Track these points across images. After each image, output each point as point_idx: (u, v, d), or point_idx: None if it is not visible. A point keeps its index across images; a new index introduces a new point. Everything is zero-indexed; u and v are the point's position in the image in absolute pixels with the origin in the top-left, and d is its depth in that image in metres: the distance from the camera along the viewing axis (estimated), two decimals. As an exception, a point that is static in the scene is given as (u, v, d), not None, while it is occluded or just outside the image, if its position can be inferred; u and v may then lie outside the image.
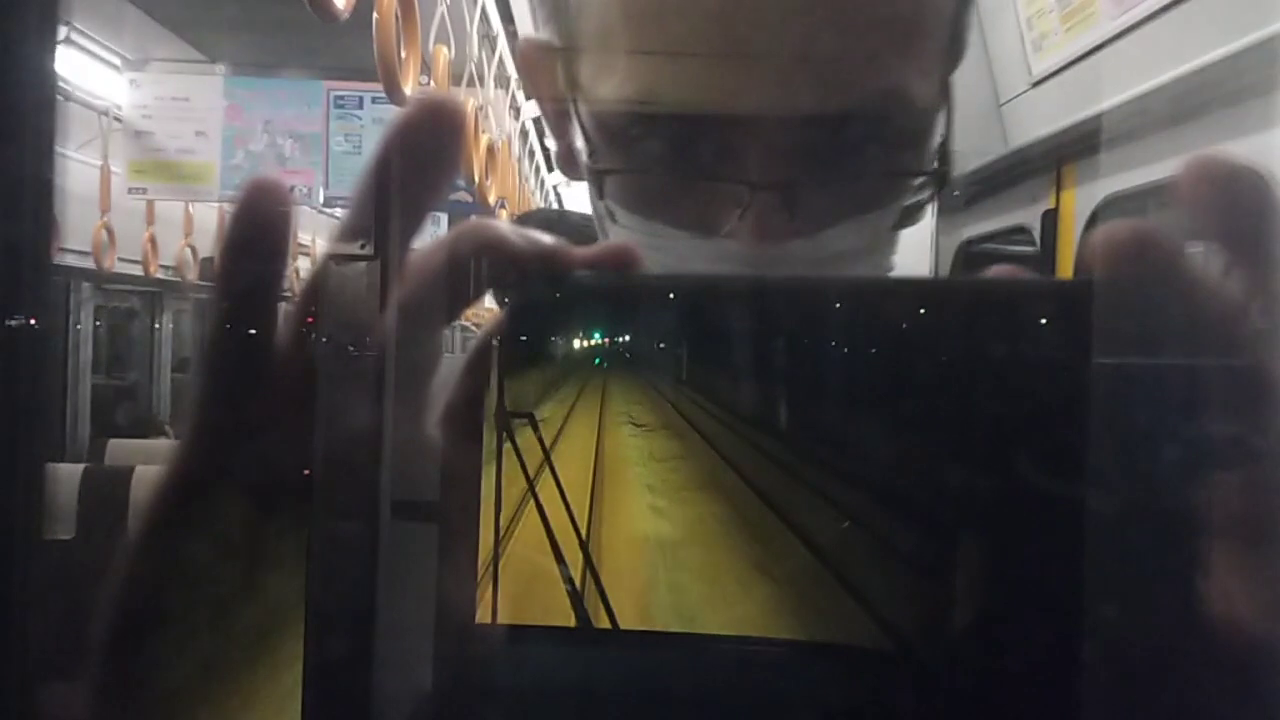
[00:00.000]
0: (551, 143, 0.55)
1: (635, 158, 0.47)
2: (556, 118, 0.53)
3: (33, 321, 0.24)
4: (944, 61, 0.49)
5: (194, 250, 5.19)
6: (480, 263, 0.31)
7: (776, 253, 0.44)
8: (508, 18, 4.08)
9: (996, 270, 0.33)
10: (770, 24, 0.43)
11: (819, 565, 0.30)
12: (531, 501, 0.31)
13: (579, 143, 0.51)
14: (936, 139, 0.49)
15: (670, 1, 0.44)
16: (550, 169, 7.21)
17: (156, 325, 6.38)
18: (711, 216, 0.46)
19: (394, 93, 2.36)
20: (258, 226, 0.31)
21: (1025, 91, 1.90)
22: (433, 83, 2.72)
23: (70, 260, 4.61)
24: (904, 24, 0.45)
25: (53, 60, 0.25)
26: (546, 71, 0.52)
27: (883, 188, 0.48)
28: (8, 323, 0.24)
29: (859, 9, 0.44)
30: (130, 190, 4.48)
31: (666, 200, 0.47)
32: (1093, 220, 1.89)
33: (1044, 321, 0.29)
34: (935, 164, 0.49)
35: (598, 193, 0.50)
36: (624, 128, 0.47)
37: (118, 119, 4.48)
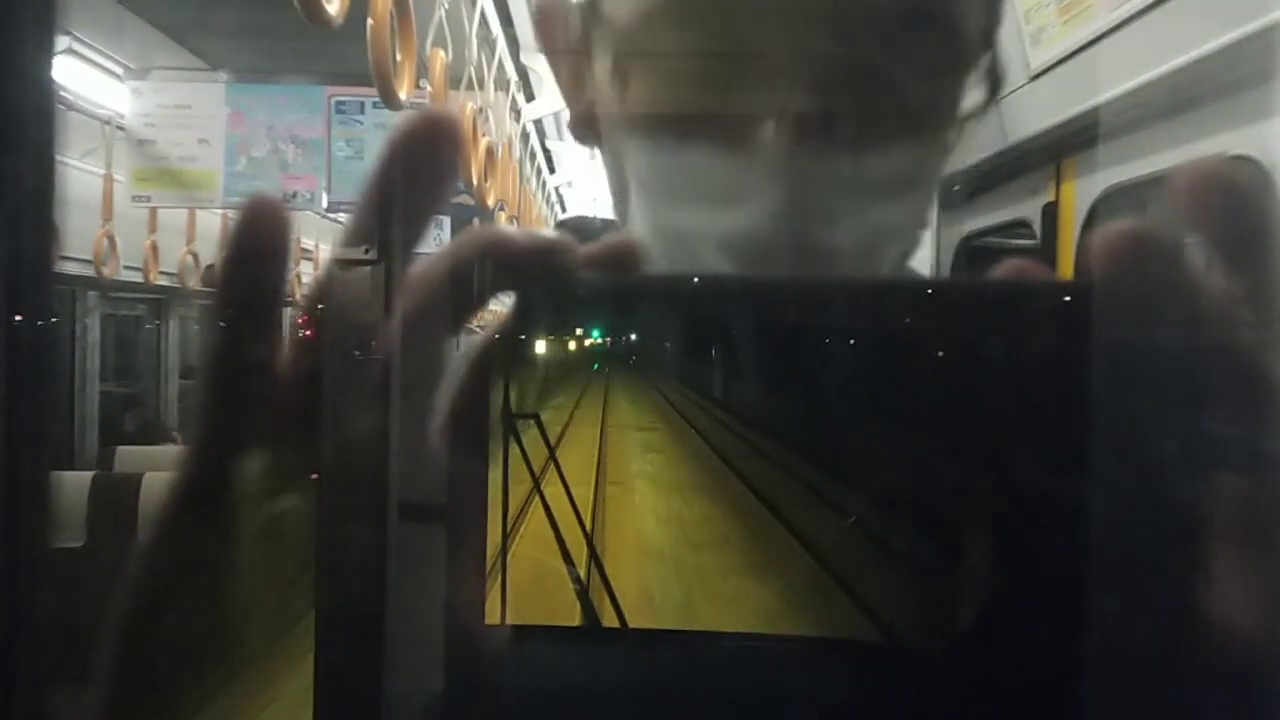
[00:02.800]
0: (570, 113, 0.52)
1: (663, 81, 0.45)
2: (572, 76, 0.51)
3: (37, 330, 0.24)
4: None
5: (196, 257, 5.20)
6: (485, 265, 0.31)
7: (812, 170, 0.42)
8: (507, 20, 4.08)
9: (1008, 266, 0.32)
10: None
11: (822, 563, 0.30)
12: (538, 501, 0.31)
13: (594, 86, 0.49)
14: (982, 59, 0.47)
15: None
16: (552, 171, 7.21)
17: (162, 332, 6.39)
18: (745, 127, 0.43)
19: (389, 98, 2.36)
20: (258, 241, 0.31)
21: (1024, 85, 1.90)
22: (430, 86, 2.72)
23: (76, 269, 4.62)
24: None
25: (52, 70, 0.25)
26: (561, 26, 0.51)
27: (926, 103, 0.45)
28: (13, 331, 0.24)
29: None
30: (134, 198, 4.49)
31: (696, 114, 0.44)
32: (1093, 213, 1.89)
33: (1044, 321, 0.29)
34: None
35: (625, 126, 0.47)
36: (653, 32, 0.44)
37: (120, 127, 4.49)
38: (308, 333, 0.31)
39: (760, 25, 0.42)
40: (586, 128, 0.51)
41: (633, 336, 0.32)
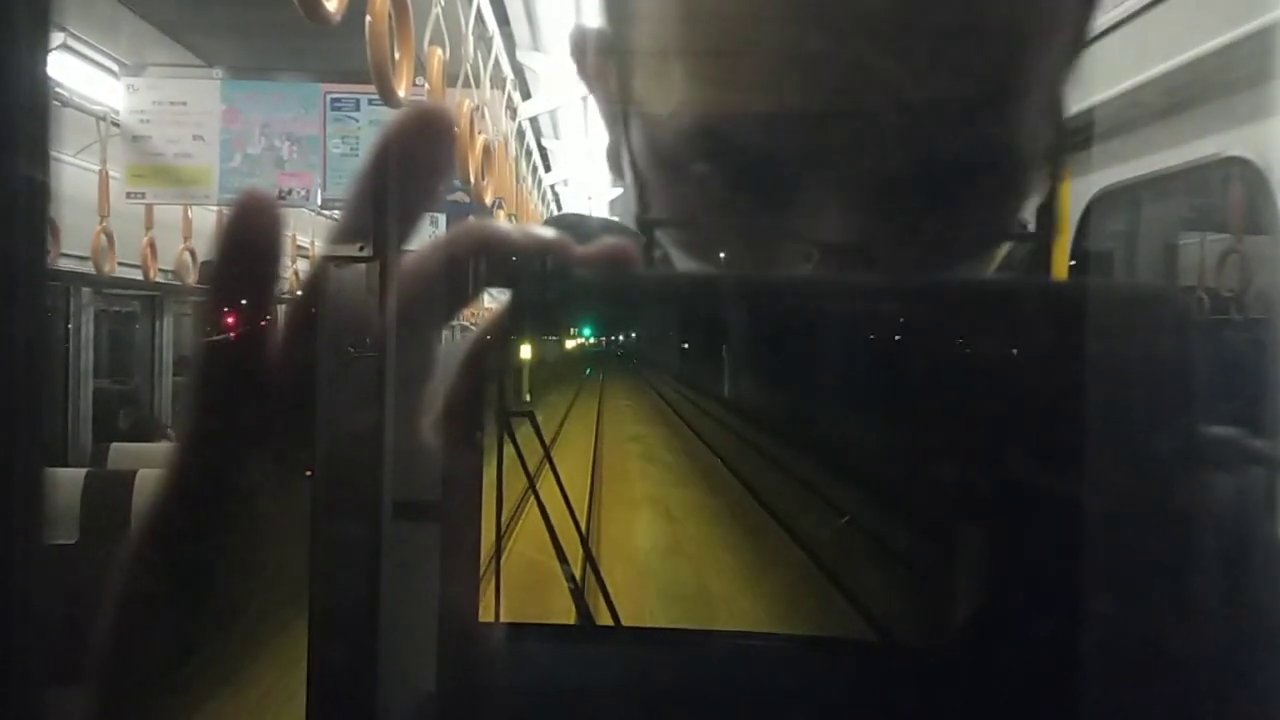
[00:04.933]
0: (603, 139, 0.49)
1: (691, 194, 0.41)
2: (608, 113, 0.48)
3: (31, 326, 0.24)
4: (1059, 95, 0.41)
5: (193, 254, 5.19)
6: (479, 261, 0.31)
7: (894, 271, 0.38)
8: (503, 19, 4.08)
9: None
10: (854, 62, 0.36)
11: (819, 561, 0.30)
12: (532, 499, 0.31)
13: (627, 174, 0.45)
14: (1043, 181, 0.41)
15: (737, 24, 0.38)
16: (548, 169, 7.21)
17: (156, 328, 6.38)
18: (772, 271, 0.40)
19: (388, 95, 2.35)
20: (250, 238, 0.31)
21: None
22: (428, 84, 2.72)
23: (70, 265, 4.61)
24: (1018, 56, 0.38)
25: (47, 66, 0.25)
26: (600, 67, 0.47)
27: (966, 244, 0.41)
28: (7, 328, 0.24)
29: (963, 42, 0.37)
30: (129, 195, 4.48)
31: (725, 249, 0.41)
32: (1087, 214, 1.89)
33: (1040, 321, 0.29)
34: (1037, 219, 0.41)
35: (648, 238, 0.43)
36: (680, 162, 0.40)
37: (115, 124, 4.48)
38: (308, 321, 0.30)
39: (795, 152, 0.38)
40: (617, 164, 0.47)
41: (626, 334, 0.32)
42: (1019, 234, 0.42)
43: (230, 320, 0.32)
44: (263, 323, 0.32)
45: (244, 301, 0.32)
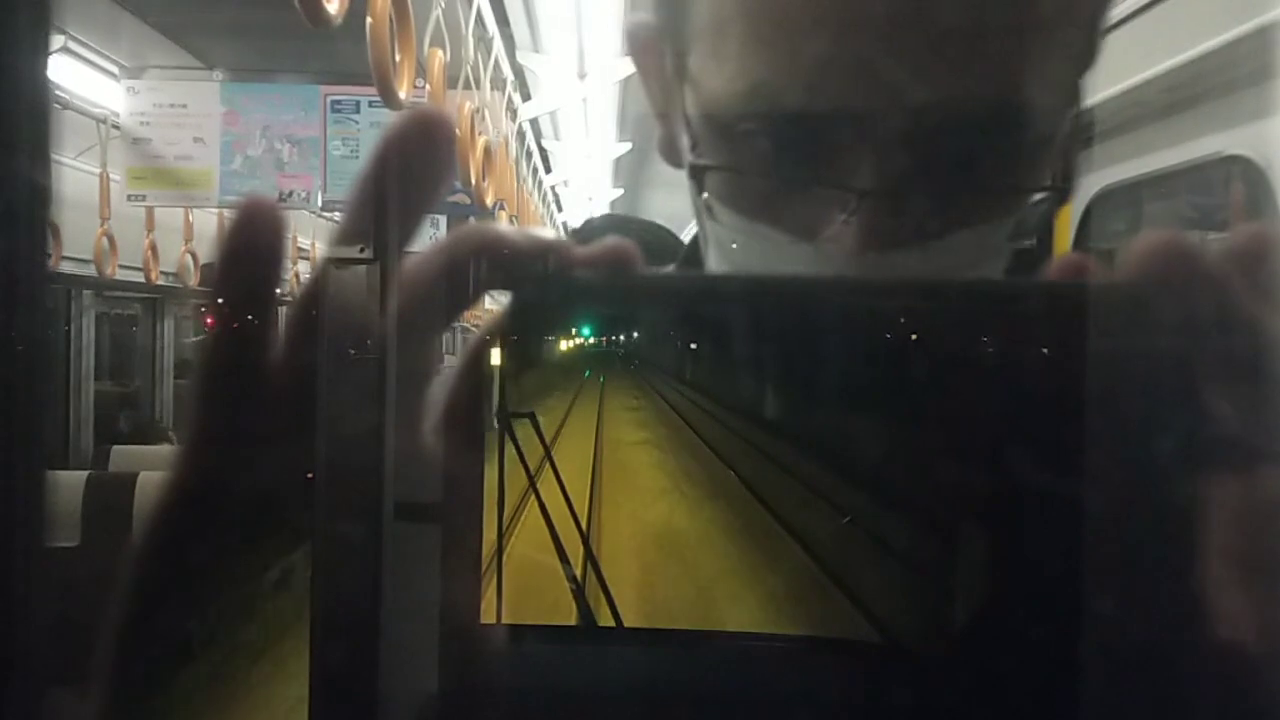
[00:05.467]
0: (658, 130, 0.52)
1: (740, 154, 0.45)
2: (662, 104, 0.51)
3: (33, 329, 0.24)
4: (1076, 64, 0.45)
5: (194, 256, 5.19)
6: (479, 264, 0.31)
7: (881, 260, 0.42)
8: (503, 20, 4.08)
9: (1062, 263, 0.32)
10: (892, 23, 0.41)
11: (821, 562, 0.30)
12: (533, 500, 0.31)
13: (682, 135, 0.49)
14: (1061, 148, 0.45)
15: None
16: (548, 170, 7.21)
17: (158, 331, 6.38)
18: (814, 220, 0.43)
19: (389, 97, 2.36)
20: (253, 242, 0.31)
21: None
22: (428, 86, 2.72)
23: (71, 268, 4.61)
24: (1035, 24, 0.42)
25: (47, 68, 0.25)
26: (654, 55, 0.51)
27: (1000, 200, 0.45)
28: (9, 331, 0.24)
29: (988, 7, 0.41)
30: (130, 197, 4.48)
31: (768, 200, 0.45)
32: (1088, 213, 1.89)
33: (1040, 322, 0.29)
34: (1059, 178, 0.45)
35: (697, 187, 0.48)
36: (731, 123, 0.45)
37: (116, 126, 4.48)
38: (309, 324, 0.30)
39: (838, 109, 0.42)
40: (671, 153, 0.51)
41: (627, 335, 0.32)
42: (1041, 187, 0.46)
43: (232, 323, 0.32)
44: (264, 326, 0.32)
45: (246, 305, 0.32)
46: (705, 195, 0.47)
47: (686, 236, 0.57)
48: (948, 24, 0.41)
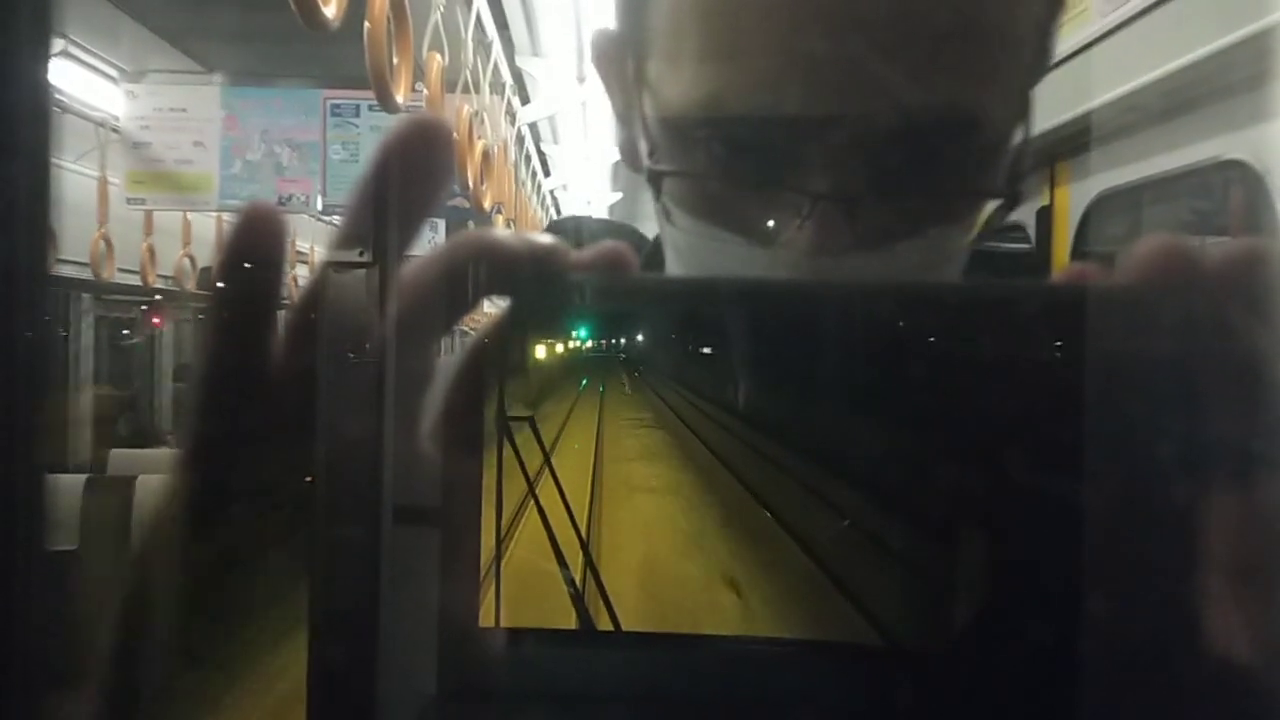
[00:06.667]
0: (619, 134, 0.54)
1: (696, 159, 0.46)
2: (624, 110, 0.52)
3: (32, 333, 0.24)
4: (1027, 74, 0.47)
5: (193, 260, 5.19)
6: (478, 268, 0.31)
7: (834, 265, 0.43)
8: (502, 24, 4.08)
9: (1070, 271, 0.32)
10: (844, 31, 0.41)
11: (821, 565, 0.30)
12: (532, 504, 0.31)
13: (641, 139, 0.50)
14: (1011, 154, 0.46)
15: (742, 5, 0.43)
16: (547, 174, 7.22)
17: (156, 335, 6.38)
18: (769, 224, 0.44)
19: (386, 101, 2.36)
20: (254, 248, 0.31)
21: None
22: (427, 90, 2.72)
23: (69, 271, 4.61)
24: (987, 33, 0.43)
25: (47, 72, 0.25)
26: (615, 62, 0.52)
27: (951, 206, 0.46)
28: (7, 335, 0.24)
29: (940, 17, 0.42)
30: (129, 201, 4.48)
31: (725, 204, 0.46)
32: (1087, 217, 1.89)
33: (1039, 323, 0.30)
34: (1008, 182, 0.46)
35: (655, 192, 0.49)
36: (688, 128, 0.46)
37: (115, 130, 4.48)
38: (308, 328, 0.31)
39: (792, 115, 0.43)
40: (633, 158, 0.52)
41: (624, 337, 0.32)
42: (989, 192, 0.47)
43: (232, 328, 0.32)
44: (264, 330, 0.32)
45: (246, 310, 0.32)
46: (663, 201, 0.48)
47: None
48: (901, 32, 0.41)
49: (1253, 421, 0.28)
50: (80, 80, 4.28)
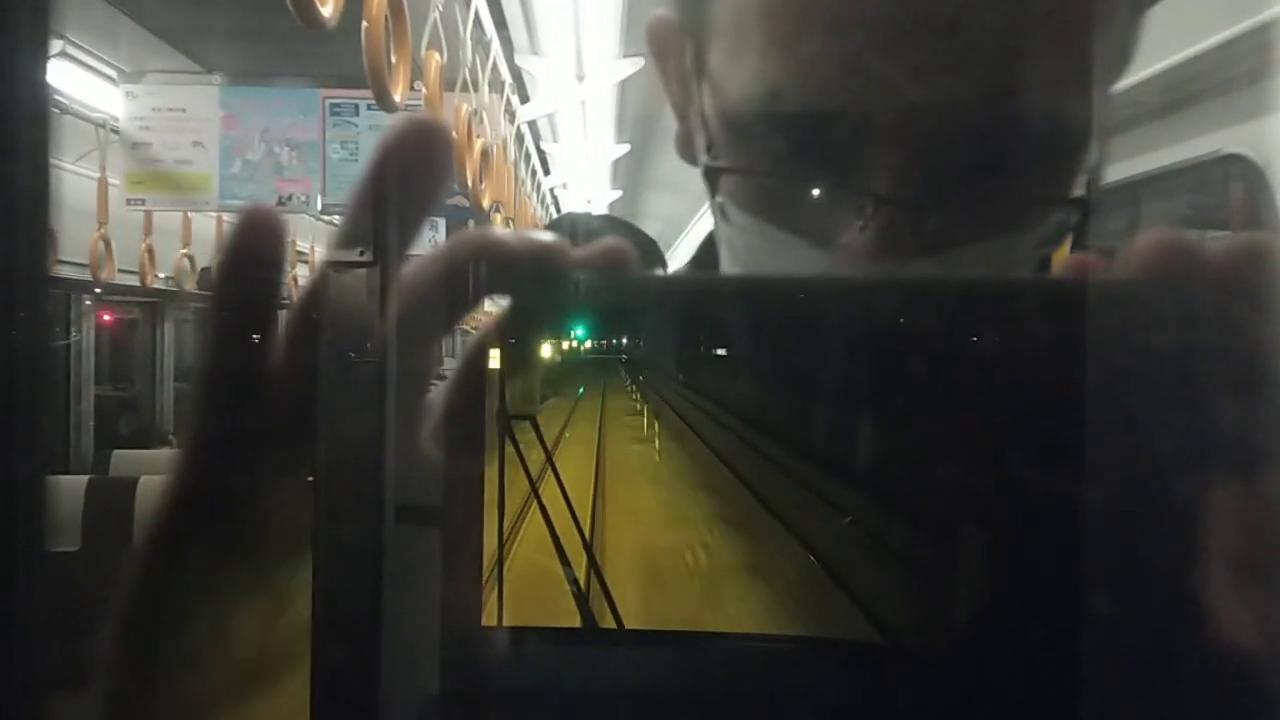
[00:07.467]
0: (676, 127, 0.52)
1: (756, 157, 0.45)
2: (680, 103, 0.51)
3: (33, 334, 0.24)
4: (1106, 77, 0.45)
5: (192, 260, 5.19)
6: (478, 267, 0.31)
7: (895, 269, 0.41)
8: (500, 22, 4.08)
9: (1070, 262, 0.32)
10: (913, 29, 0.40)
11: (823, 563, 0.30)
12: (534, 503, 0.31)
13: (699, 134, 0.48)
14: (1087, 159, 0.44)
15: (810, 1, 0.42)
16: (547, 172, 7.22)
17: (158, 335, 6.38)
18: (829, 225, 0.43)
19: (384, 100, 2.36)
20: (254, 250, 0.31)
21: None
22: (425, 88, 2.72)
23: (70, 272, 4.61)
24: (1064, 38, 0.41)
25: (46, 73, 0.25)
26: (673, 52, 0.50)
27: (1019, 211, 0.44)
28: (8, 336, 0.24)
29: (1015, 20, 0.40)
30: (128, 201, 4.48)
31: (783, 204, 0.44)
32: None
33: (1039, 320, 0.29)
34: (1081, 189, 0.44)
35: (711, 189, 0.47)
36: (748, 125, 0.44)
37: (115, 131, 4.48)
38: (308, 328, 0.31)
39: (857, 114, 0.41)
40: (688, 149, 0.50)
41: (624, 335, 0.32)
42: (1062, 199, 0.44)
43: (233, 328, 0.32)
44: (265, 330, 0.32)
45: (247, 310, 0.32)
46: (719, 197, 0.47)
47: (683, 238, 0.57)
48: (969, 31, 0.40)
49: (1254, 416, 0.28)
50: (79, 81, 4.27)
